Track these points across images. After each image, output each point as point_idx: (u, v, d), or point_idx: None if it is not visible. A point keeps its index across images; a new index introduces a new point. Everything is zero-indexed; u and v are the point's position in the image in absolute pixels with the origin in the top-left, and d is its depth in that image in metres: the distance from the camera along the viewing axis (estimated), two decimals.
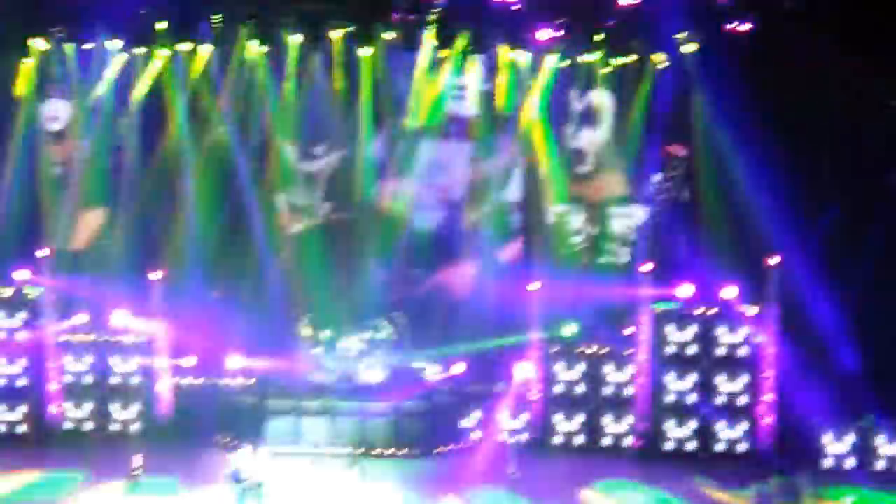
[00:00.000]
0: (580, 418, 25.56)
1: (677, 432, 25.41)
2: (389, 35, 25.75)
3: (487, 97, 27.30)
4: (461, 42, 26.00)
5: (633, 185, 27.56)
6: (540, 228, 27.64)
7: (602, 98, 27.29)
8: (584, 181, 27.69)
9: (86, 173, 27.37)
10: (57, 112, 27.43)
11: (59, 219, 27.37)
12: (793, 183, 25.16)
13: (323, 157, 27.76)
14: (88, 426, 25.87)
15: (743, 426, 25.31)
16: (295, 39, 26.20)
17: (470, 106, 27.62)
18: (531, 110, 27.14)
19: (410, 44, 25.73)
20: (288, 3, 25.21)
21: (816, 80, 24.79)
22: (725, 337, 25.36)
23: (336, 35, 26.06)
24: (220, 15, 25.38)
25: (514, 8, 24.97)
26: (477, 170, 27.82)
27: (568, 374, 25.59)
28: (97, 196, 27.47)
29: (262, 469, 21.62)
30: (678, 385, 25.41)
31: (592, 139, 27.62)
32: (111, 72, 26.75)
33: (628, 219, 27.67)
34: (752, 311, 25.21)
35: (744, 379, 25.33)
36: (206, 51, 26.66)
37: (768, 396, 25.15)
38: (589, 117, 27.42)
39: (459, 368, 26.15)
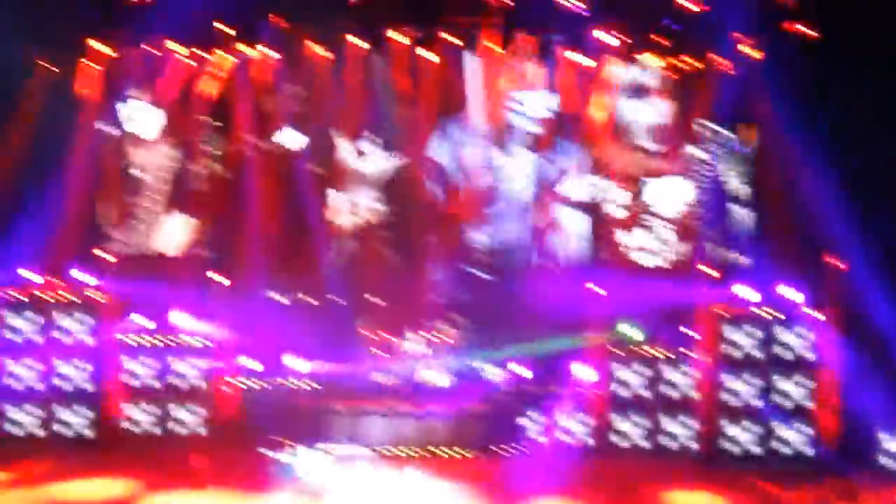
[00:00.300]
0: (642, 421, 25.52)
1: (739, 435, 25.24)
2: (452, 38, 25.88)
3: (550, 100, 27.30)
4: (523, 45, 26.08)
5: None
6: (602, 229, 27.65)
7: (664, 102, 27.29)
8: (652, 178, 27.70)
9: (169, 177, 27.59)
10: (134, 115, 27.60)
11: (140, 223, 27.64)
12: (858, 185, 25.00)
13: (380, 158, 27.87)
14: (152, 429, 25.95)
15: (805, 429, 25.11)
16: (356, 42, 26.38)
17: (532, 110, 27.52)
18: (596, 112, 27.17)
19: (473, 47, 25.79)
20: (350, 7, 25.24)
21: (887, 82, 24.73)
22: (788, 340, 25.16)
23: (398, 38, 26.25)
24: (283, 18, 25.51)
25: (576, 11, 24.99)
26: (541, 173, 27.76)
27: (629, 377, 25.55)
28: (180, 200, 27.76)
29: (325, 472, 21.89)
30: (740, 388, 25.27)
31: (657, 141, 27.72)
32: (180, 74, 27.07)
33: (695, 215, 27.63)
34: (815, 313, 25.04)
35: (806, 382, 25.13)
36: (268, 54, 26.89)
37: (830, 399, 24.97)
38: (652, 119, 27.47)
39: (521, 370, 26.13)
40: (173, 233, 27.76)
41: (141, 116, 27.55)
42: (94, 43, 26.32)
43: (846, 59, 24.75)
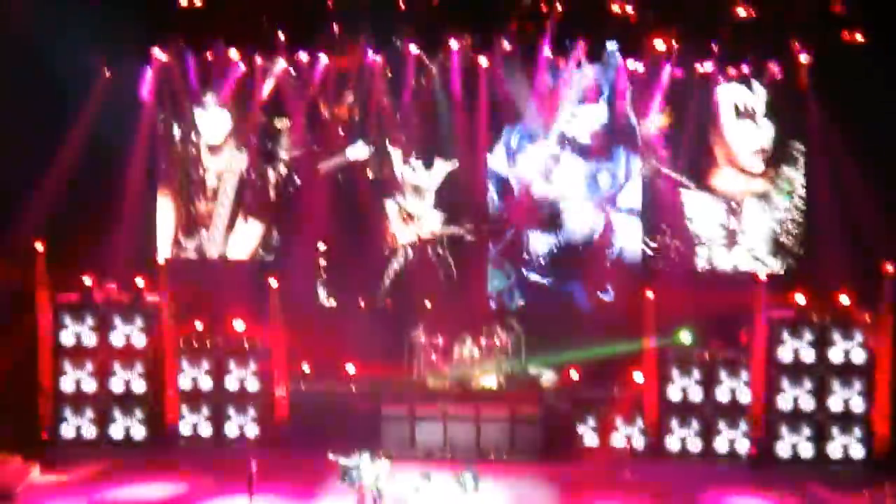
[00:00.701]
0: (695, 425, 25.53)
1: (792, 438, 25.31)
2: (507, 44, 25.95)
3: (605, 106, 27.39)
4: (578, 51, 26.17)
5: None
6: (657, 235, 27.72)
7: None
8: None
9: (235, 182, 27.84)
10: (202, 119, 27.85)
11: (206, 227, 27.91)
12: None
13: (432, 167, 27.93)
14: (205, 432, 26.06)
15: (858, 432, 25.18)
16: (412, 48, 26.45)
17: (589, 118, 27.58)
18: (651, 118, 27.28)
19: (528, 53, 25.86)
20: (406, 13, 25.40)
21: None
22: (840, 344, 25.24)
23: (454, 44, 26.28)
24: (339, 24, 25.70)
25: (632, 18, 25.19)
26: (598, 181, 27.83)
27: (683, 381, 25.57)
28: (247, 205, 28.04)
29: (380, 476, 21.82)
30: (793, 391, 25.33)
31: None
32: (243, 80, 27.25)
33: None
34: (867, 317, 25.13)
35: (859, 386, 25.21)
36: (324, 60, 26.91)
37: (883, 403, 25.03)
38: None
39: (574, 374, 26.25)
40: (241, 238, 27.96)
41: (208, 120, 27.73)
42: (157, 50, 26.55)
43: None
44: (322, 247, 27.76)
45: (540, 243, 28.05)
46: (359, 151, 27.76)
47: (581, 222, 27.90)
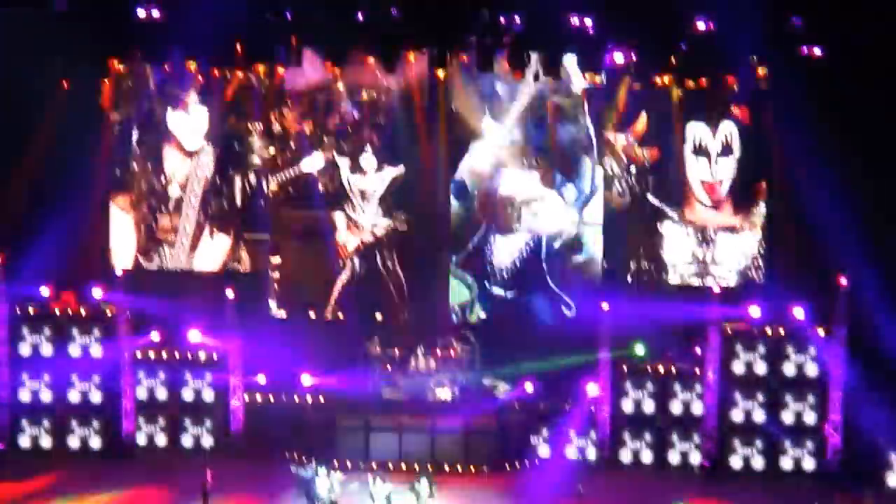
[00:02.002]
0: (648, 437, 25.73)
1: (744, 451, 25.54)
2: (465, 57, 25.88)
3: (563, 119, 27.44)
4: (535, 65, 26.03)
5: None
6: (618, 249, 27.73)
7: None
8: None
9: (204, 193, 27.77)
10: (183, 124, 27.62)
11: (177, 241, 27.82)
12: (863, 204, 25.19)
13: (377, 173, 27.87)
14: (161, 442, 26.16)
15: (810, 445, 25.41)
16: (370, 60, 26.44)
17: (547, 130, 27.54)
18: (610, 132, 27.29)
19: (486, 67, 25.65)
20: (364, 25, 25.23)
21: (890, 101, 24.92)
22: (793, 357, 25.47)
23: (412, 57, 26.31)
24: (298, 38, 25.59)
25: (590, 31, 25.05)
26: (561, 194, 27.75)
27: (636, 393, 25.75)
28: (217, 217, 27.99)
29: (334, 488, 21.96)
30: (746, 404, 25.55)
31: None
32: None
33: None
34: (820, 331, 25.32)
35: (811, 399, 25.43)
36: (280, 71, 26.94)
37: (835, 416, 25.17)
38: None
39: (529, 387, 26.15)
40: (208, 250, 27.88)
41: (184, 122, 27.55)
42: (116, 62, 26.56)
43: (854, 80, 24.93)
44: (276, 260, 27.83)
45: (504, 254, 27.99)
46: (314, 163, 27.81)
47: (549, 222, 27.81)
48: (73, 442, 26.02)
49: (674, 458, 25.70)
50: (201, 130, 27.63)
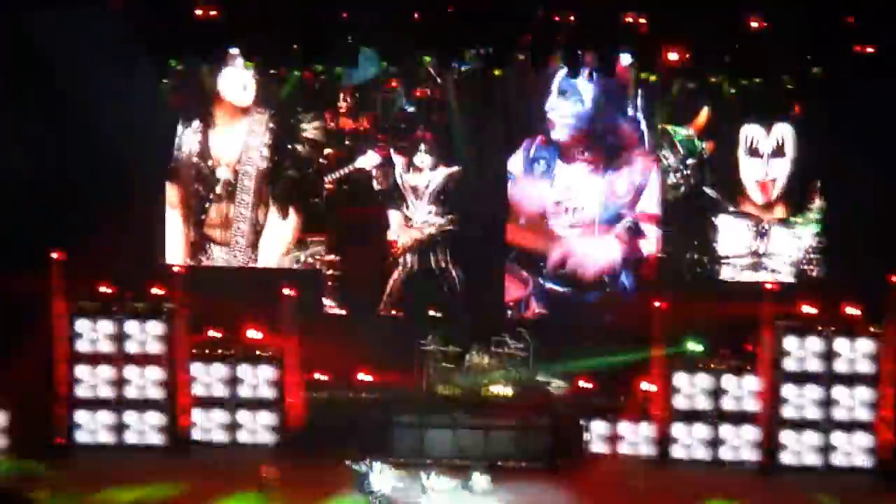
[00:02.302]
0: (702, 432, 25.84)
1: (798, 446, 25.66)
2: (521, 56, 25.93)
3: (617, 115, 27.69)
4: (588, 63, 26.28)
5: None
6: (672, 244, 27.90)
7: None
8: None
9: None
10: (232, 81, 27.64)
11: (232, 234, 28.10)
12: None
13: (432, 170, 28.16)
14: (220, 437, 26.37)
15: (863, 440, 25.51)
16: (425, 60, 26.69)
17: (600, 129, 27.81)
18: (668, 125, 27.47)
19: (541, 65, 25.99)
20: (421, 24, 25.36)
21: None
22: (846, 353, 25.59)
23: (467, 56, 26.43)
24: (352, 36, 25.75)
25: (643, 29, 25.19)
26: (610, 189, 28.02)
27: (691, 389, 25.87)
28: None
29: (390, 482, 22.19)
30: (799, 400, 25.69)
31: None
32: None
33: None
34: (873, 327, 25.44)
35: (864, 394, 25.57)
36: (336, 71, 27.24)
37: (888, 412, 25.31)
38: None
39: (583, 383, 26.49)
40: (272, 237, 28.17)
41: (232, 79, 27.57)
42: (172, 62, 26.78)
43: None
44: (331, 257, 28.04)
45: (553, 251, 28.22)
46: (368, 160, 28.02)
47: (593, 231, 28.08)
48: (131, 437, 26.23)
49: (727, 452, 25.78)
50: (250, 89, 27.69)
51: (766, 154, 27.44)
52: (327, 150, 27.86)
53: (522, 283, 28.31)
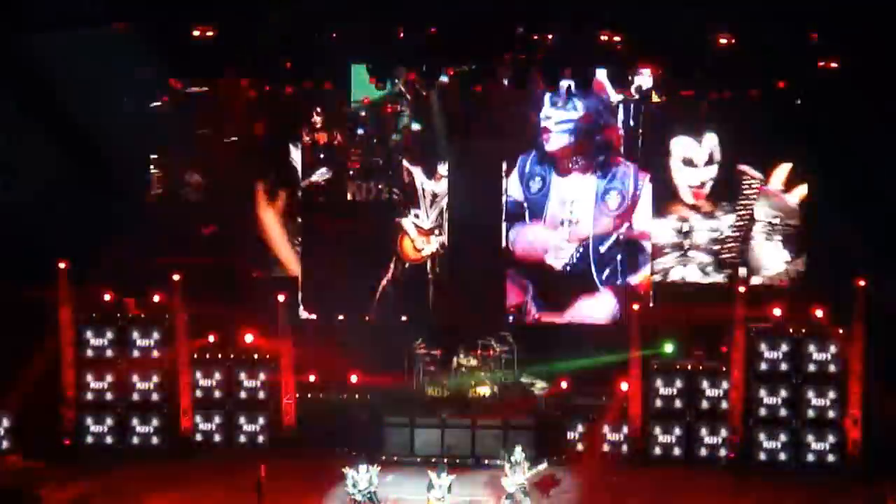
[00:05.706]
0: (677, 431, 26.81)
1: (769, 444, 26.62)
2: (502, 73, 27.12)
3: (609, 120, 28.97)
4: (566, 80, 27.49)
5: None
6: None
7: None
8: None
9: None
10: None
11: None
12: (883, 206, 26.44)
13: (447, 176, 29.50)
14: (217, 438, 27.50)
15: (831, 439, 26.45)
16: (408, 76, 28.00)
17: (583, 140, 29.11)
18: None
19: (521, 82, 27.13)
20: (404, 42, 26.52)
21: None
22: (815, 354, 26.51)
23: (451, 72, 27.67)
24: (339, 53, 26.78)
25: (617, 47, 26.32)
26: (603, 204, 29.34)
27: (666, 390, 26.85)
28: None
29: (374, 480, 22.94)
30: (770, 399, 26.64)
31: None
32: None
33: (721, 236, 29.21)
34: (840, 330, 26.33)
35: (832, 394, 26.50)
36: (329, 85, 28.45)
37: (855, 410, 26.09)
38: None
39: (565, 384, 27.44)
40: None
41: None
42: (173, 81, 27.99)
43: (871, 91, 25.99)
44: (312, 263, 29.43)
45: (556, 261, 29.68)
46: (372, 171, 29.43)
47: (575, 237, 29.45)
48: (134, 439, 27.33)
49: (701, 451, 26.67)
50: None
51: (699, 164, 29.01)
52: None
53: (521, 290, 29.64)
